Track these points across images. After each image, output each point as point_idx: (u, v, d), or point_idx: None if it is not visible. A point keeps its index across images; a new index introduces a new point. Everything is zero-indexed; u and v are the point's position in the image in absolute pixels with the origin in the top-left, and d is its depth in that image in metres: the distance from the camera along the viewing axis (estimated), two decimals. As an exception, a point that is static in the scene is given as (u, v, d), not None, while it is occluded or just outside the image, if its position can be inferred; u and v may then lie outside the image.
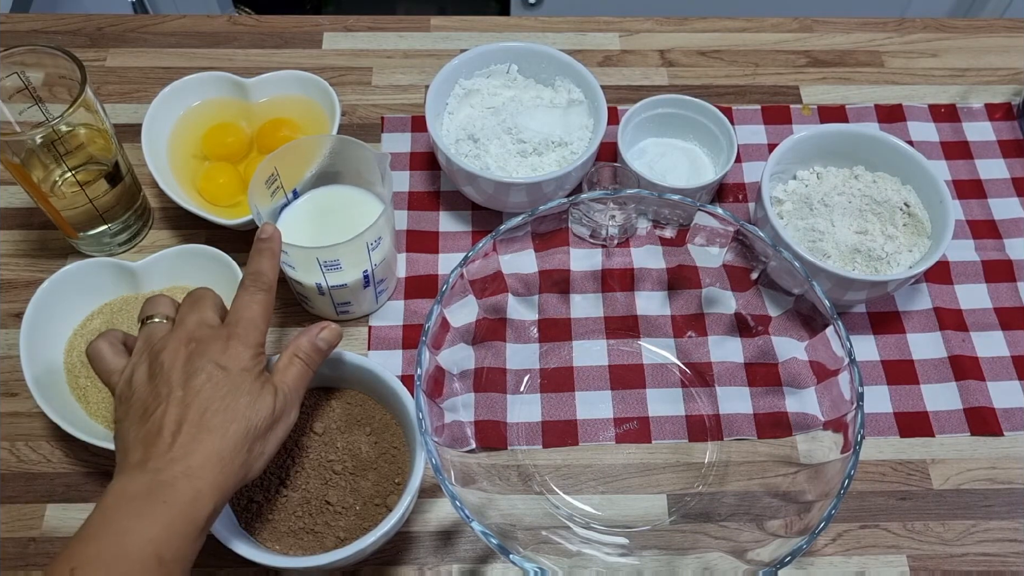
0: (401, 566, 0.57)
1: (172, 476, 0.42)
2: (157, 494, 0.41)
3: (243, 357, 0.46)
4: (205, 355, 0.45)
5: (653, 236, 0.66)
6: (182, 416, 0.43)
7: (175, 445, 0.43)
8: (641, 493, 0.60)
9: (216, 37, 0.84)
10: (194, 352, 0.45)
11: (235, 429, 0.44)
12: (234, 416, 0.44)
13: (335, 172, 0.63)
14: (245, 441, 0.44)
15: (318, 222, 0.63)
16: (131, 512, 0.41)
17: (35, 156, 0.61)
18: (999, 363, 0.66)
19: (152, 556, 0.40)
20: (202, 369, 0.45)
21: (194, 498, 0.42)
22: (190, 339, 0.46)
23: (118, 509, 0.41)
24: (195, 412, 0.43)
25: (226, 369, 0.45)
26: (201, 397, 0.44)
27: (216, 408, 0.44)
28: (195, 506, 0.42)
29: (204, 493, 0.42)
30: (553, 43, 0.75)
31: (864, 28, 0.86)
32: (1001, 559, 0.58)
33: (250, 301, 0.48)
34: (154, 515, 0.41)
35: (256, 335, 0.47)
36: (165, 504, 0.41)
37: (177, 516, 0.41)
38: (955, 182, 0.75)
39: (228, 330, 0.47)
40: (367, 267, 0.60)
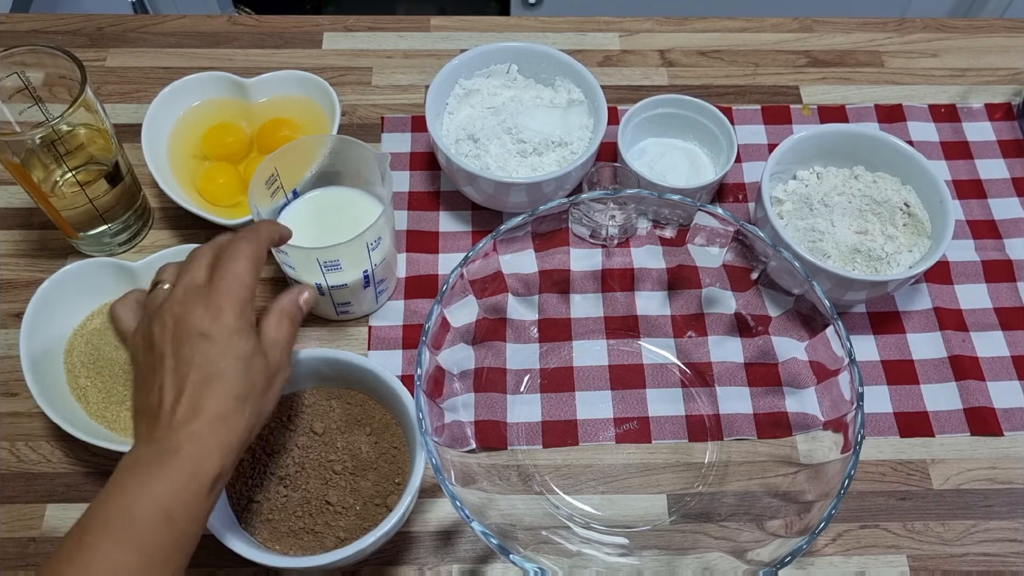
0: (401, 566, 0.57)
1: (176, 442, 0.42)
2: (163, 459, 0.42)
3: (227, 319, 0.45)
4: (190, 323, 0.45)
5: (653, 236, 0.66)
6: (179, 386, 0.44)
7: (176, 415, 0.43)
8: (641, 493, 0.60)
9: (216, 37, 0.84)
10: (179, 320, 0.45)
11: (233, 392, 0.44)
12: (227, 380, 0.44)
13: (335, 172, 0.63)
14: (245, 402, 0.45)
15: (318, 222, 0.63)
16: (139, 478, 0.42)
17: (35, 156, 0.61)
18: (999, 363, 0.66)
19: (161, 515, 0.41)
20: (189, 337, 0.44)
21: (200, 459, 0.42)
22: (177, 306, 0.46)
23: (127, 477, 0.42)
24: (190, 381, 0.44)
25: (210, 336, 0.44)
26: (192, 365, 0.44)
27: (210, 374, 0.44)
28: (202, 466, 0.42)
29: (210, 452, 0.43)
30: (553, 43, 0.75)
31: (864, 28, 0.86)
32: (1001, 559, 0.58)
33: (240, 252, 0.47)
34: (161, 478, 0.41)
35: (242, 290, 0.46)
36: (172, 467, 0.42)
37: (184, 477, 0.42)
38: (955, 182, 0.75)
39: (213, 285, 0.46)
40: (367, 267, 0.60)
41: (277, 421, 0.56)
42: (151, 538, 0.40)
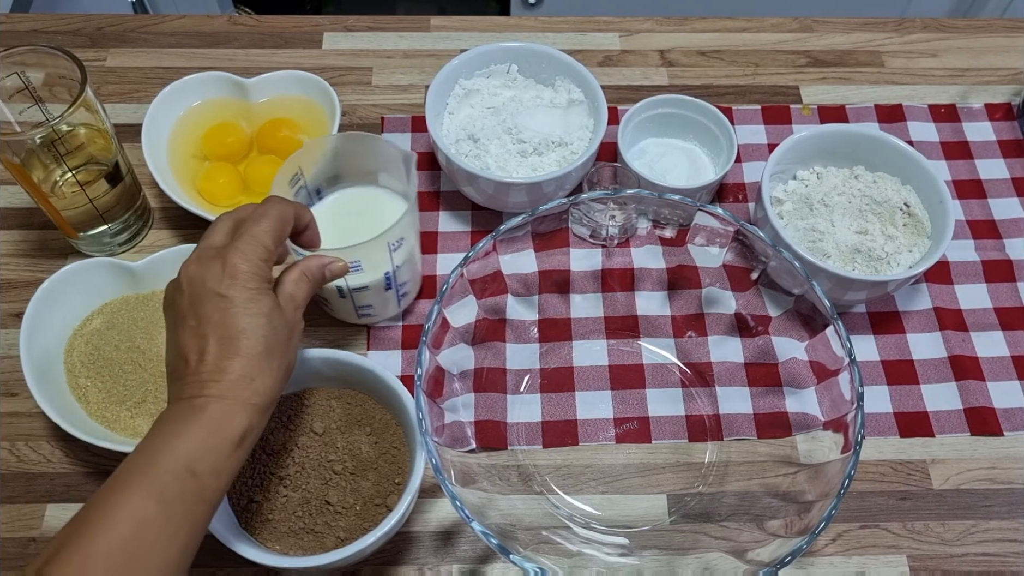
0: (401, 566, 0.57)
1: (204, 401, 0.43)
2: (191, 416, 0.43)
3: (244, 276, 0.45)
4: (206, 282, 0.45)
5: (653, 236, 0.66)
6: (201, 346, 0.44)
7: (201, 372, 0.44)
8: (641, 493, 0.60)
9: (216, 37, 0.84)
10: (195, 280, 0.46)
11: (256, 349, 0.45)
12: (249, 337, 0.45)
13: (360, 171, 0.63)
14: (270, 357, 0.45)
15: (341, 223, 0.62)
16: (164, 435, 0.42)
17: (35, 156, 0.61)
18: (999, 363, 0.66)
19: (184, 469, 0.41)
20: (207, 297, 0.45)
21: (226, 415, 0.43)
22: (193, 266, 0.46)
23: (159, 431, 0.43)
24: (212, 340, 0.44)
25: (226, 296, 0.45)
26: (211, 324, 0.44)
27: (231, 334, 0.44)
28: (228, 422, 0.43)
29: (236, 409, 0.43)
30: (553, 43, 0.75)
31: (864, 28, 0.86)
32: (1001, 559, 0.58)
33: (256, 216, 0.48)
34: (186, 433, 0.42)
35: (258, 250, 0.46)
36: (197, 423, 0.43)
37: (210, 433, 0.43)
38: (955, 182, 0.75)
39: (230, 248, 0.46)
40: (388, 268, 0.59)
41: (277, 421, 0.56)
42: (173, 489, 0.41)
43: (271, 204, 0.49)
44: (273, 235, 0.47)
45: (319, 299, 0.65)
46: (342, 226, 0.62)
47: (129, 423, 0.59)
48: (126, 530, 0.39)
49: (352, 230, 0.61)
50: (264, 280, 0.46)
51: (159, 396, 0.60)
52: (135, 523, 0.40)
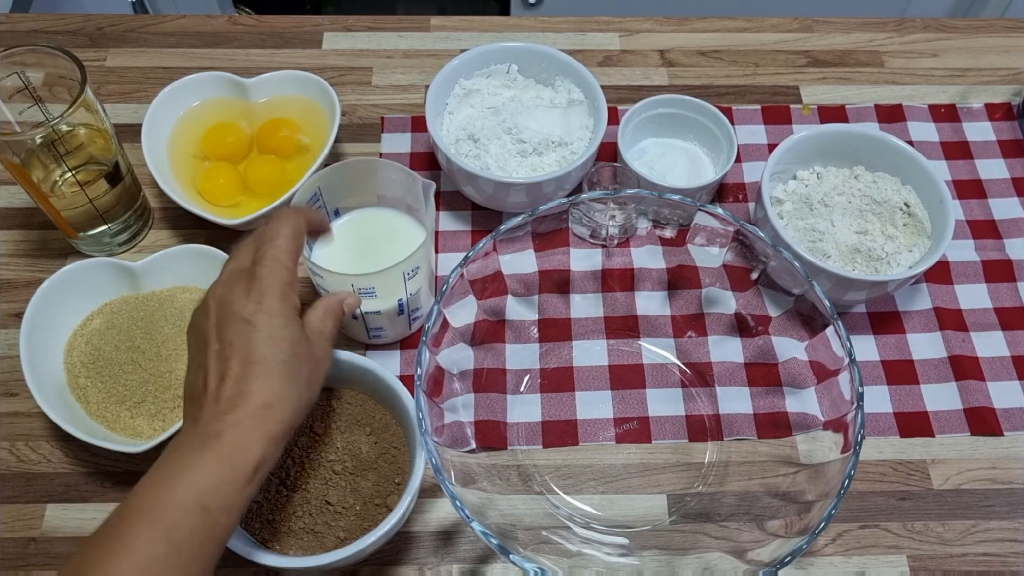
0: (401, 566, 0.57)
1: (219, 428, 0.42)
2: (205, 446, 0.42)
3: (270, 303, 0.45)
4: (232, 307, 0.45)
5: (653, 236, 0.66)
6: (222, 369, 0.44)
7: (220, 399, 0.43)
8: (641, 493, 0.60)
9: (216, 37, 0.84)
10: (222, 303, 0.45)
11: (277, 376, 0.44)
12: (272, 365, 0.44)
13: (379, 195, 0.63)
14: (291, 385, 0.45)
15: (357, 246, 0.62)
16: (179, 464, 0.42)
17: (35, 156, 0.61)
18: (999, 363, 0.66)
19: (196, 504, 0.41)
20: (232, 321, 0.45)
21: (241, 447, 0.42)
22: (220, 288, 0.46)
23: (168, 462, 0.42)
24: (233, 364, 0.44)
25: (252, 321, 0.44)
26: (235, 348, 0.44)
27: (253, 359, 0.44)
28: (242, 455, 0.42)
29: (251, 442, 0.43)
30: (553, 43, 0.75)
31: (864, 28, 0.86)
32: (1001, 559, 0.58)
33: (273, 235, 0.47)
34: (200, 465, 0.41)
35: (282, 274, 0.46)
36: (212, 454, 0.42)
37: (224, 465, 0.42)
38: (955, 182, 0.75)
39: (254, 273, 0.46)
40: (402, 296, 0.59)
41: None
42: (183, 527, 0.40)
43: (283, 221, 0.48)
44: (291, 253, 0.47)
45: None
46: (358, 248, 0.62)
47: (129, 423, 0.59)
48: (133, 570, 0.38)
49: (368, 252, 0.61)
50: (290, 305, 0.46)
51: (159, 396, 0.60)
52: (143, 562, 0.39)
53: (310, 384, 0.46)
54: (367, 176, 0.61)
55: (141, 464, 0.60)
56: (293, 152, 0.71)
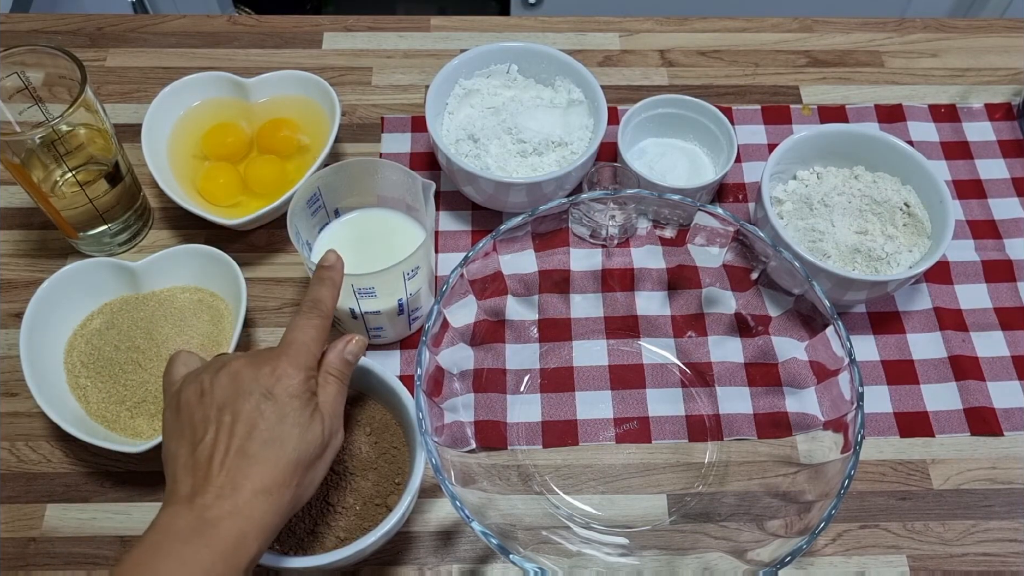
0: (401, 566, 0.57)
1: (218, 515, 0.40)
2: (201, 535, 0.40)
3: (293, 382, 0.44)
4: (256, 380, 0.44)
5: (653, 236, 0.66)
6: (229, 444, 0.42)
7: (222, 476, 0.41)
8: (641, 493, 0.60)
9: (216, 37, 0.84)
10: (241, 374, 0.44)
11: (284, 460, 0.42)
12: (283, 446, 0.42)
13: (378, 195, 0.63)
14: (295, 473, 0.43)
15: (357, 246, 0.62)
16: (173, 554, 0.39)
17: (35, 156, 0.61)
18: (999, 363, 0.66)
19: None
20: (251, 394, 0.43)
21: (238, 541, 0.40)
22: (243, 360, 0.45)
23: (161, 549, 0.40)
24: (241, 439, 0.42)
25: (273, 396, 0.43)
26: (247, 422, 0.42)
27: (265, 438, 0.42)
28: (239, 550, 0.40)
29: (249, 535, 0.41)
30: (553, 43, 0.75)
31: (864, 28, 0.86)
32: (1001, 559, 0.58)
33: (306, 325, 0.47)
34: (196, 559, 0.39)
35: (308, 358, 0.45)
36: (208, 548, 0.40)
37: (219, 560, 0.40)
38: (955, 182, 0.75)
39: (280, 350, 0.45)
40: (402, 296, 0.59)
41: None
42: None
43: (313, 314, 0.47)
44: (319, 342, 0.47)
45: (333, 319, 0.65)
46: (358, 248, 0.62)
47: (129, 423, 0.59)
48: None
49: (368, 253, 0.61)
50: (310, 388, 0.45)
51: (159, 396, 0.60)
52: None
53: (316, 466, 0.45)
54: (367, 176, 0.61)
55: (141, 464, 0.60)
56: (293, 152, 0.71)
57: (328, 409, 0.46)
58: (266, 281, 0.69)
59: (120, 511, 0.59)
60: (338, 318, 0.63)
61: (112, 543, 0.58)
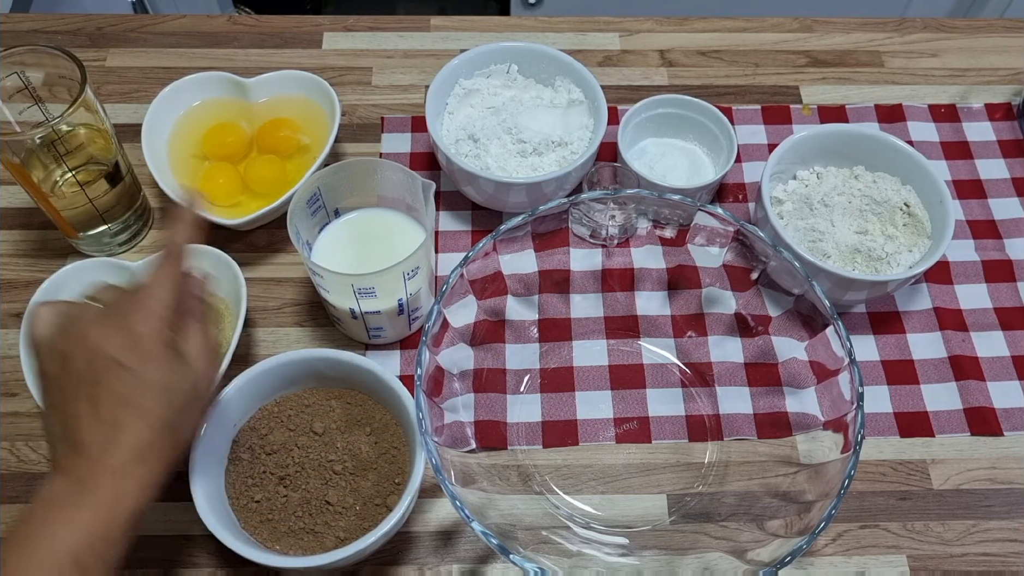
0: (401, 566, 0.57)
1: (94, 480, 0.41)
2: (78, 498, 0.41)
3: (146, 342, 0.44)
4: (107, 350, 0.43)
5: (653, 236, 0.66)
6: (95, 415, 0.42)
7: (92, 447, 0.42)
8: (641, 493, 0.60)
9: (216, 37, 0.84)
10: (97, 346, 0.43)
11: (151, 419, 0.43)
12: (145, 407, 0.43)
13: (378, 195, 0.63)
14: (165, 429, 0.44)
15: (357, 246, 0.62)
16: (52, 519, 0.41)
17: (35, 156, 0.61)
18: (999, 363, 0.66)
19: (71, 562, 0.40)
20: (106, 367, 0.43)
21: (116, 500, 0.42)
22: (95, 328, 0.44)
23: (41, 516, 0.41)
24: (106, 408, 0.42)
25: (127, 366, 0.43)
26: (108, 391, 0.43)
27: (128, 403, 0.43)
28: (117, 507, 0.42)
29: (127, 493, 0.42)
30: (553, 43, 0.75)
31: (864, 28, 0.86)
32: (1001, 559, 0.58)
33: (158, 275, 0.46)
34: (74, 520, 0.40)
35: (159, 308, 0.45)
36: (86, 509, 0.41)
37: (98, 519, 0.41)
38: (955, 182, 0.75)
39: (130, 306, 0.45)
40: (402, 296, 0.59)
41: (277, 421, 0.56)
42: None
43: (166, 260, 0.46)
44: (172, 290, 0.46)
45: (333, 319, 0.65)
46: (357, 248, 0.62)
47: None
48: None
49: (368, 252, 0.61)
50: (164, 343, 0.44)
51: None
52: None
53: (190, 416, 0.46)
54: (367, 176, 0.61)
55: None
56: (293, 152, 0.71)
57: (193, 350, 0.46)
58: (266, 281, 0.69)
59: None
60: (338, 318, 0.63)
61: (112, 543, 0.57)
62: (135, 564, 0.57)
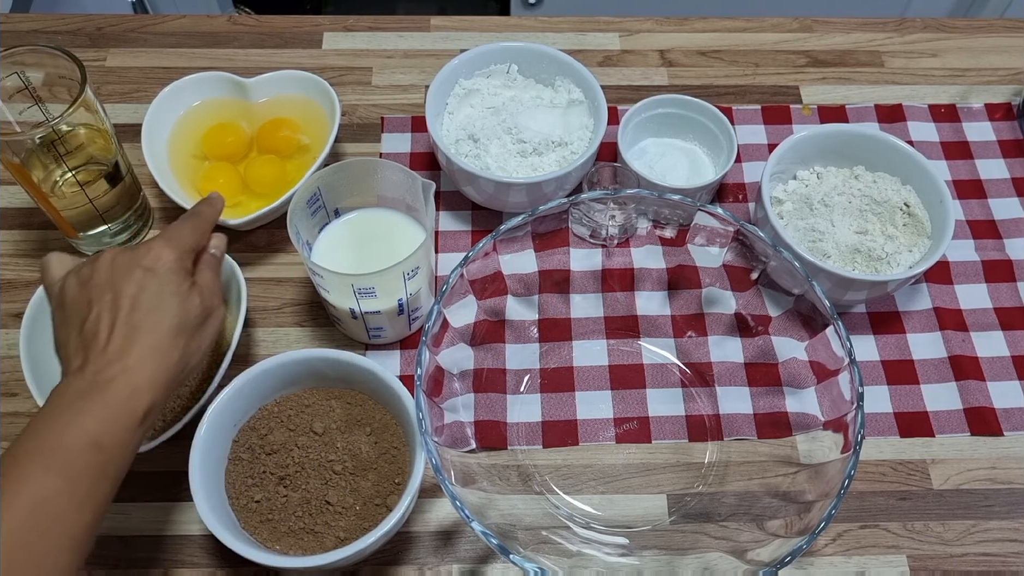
0: (401, 566, 0.57)
1: (110, 375, 0.44)
2: (95, 392, 0.43)
3: (167, 257, 0.48)
4: (133, 259, 0.47)
5: (653, 236, 0.66)
6: (114, 318, 0.45)
7: (110, 345, 0.44)
8: (641, 493, 0.60)
9: (216, 37, 0.84)
10: (120, 256, 0.48)
11: (167, 325, 0.46)
12: (164, 313, 0.46)
13: (378, 195, 0.63)
14: (179, 335, 0.47)
15: (357, 246, 0.62)
16: (70, 409, 0.43)
17: (35, 156, 0.61)
18: (999, 363, 0.66)
19: (90, 444, 0.42)
20: (129, 270, 0.47)
21: (132, 393, 0.44)
22: (119, 248, 0.49)
23: (59, 407, 0.43)
24: (126, 312, 0.45)
25: (151, 270, 0.47)
26: (129, 296, 0.46)
27: (147, 307, 0.46)
28: (133, 399, 0.44)
29: (142, 387, 0.44)
30: (553, 43, 0.75)
31: (864, 28, 0.86)
32: (1001, 559, 0.58)
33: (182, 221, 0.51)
34: (92, 410, 0.43)
35: (182, 241, 0.50)
36: (102, 399, 0.43)
37: (115, 409, 0.43)
38: (955, 182, 0.75)
39: (155, 238, 0.49)
40: (402, 296, 0.59)
41: (277, 421, 0.56)
42: (79, 464, 0.41)
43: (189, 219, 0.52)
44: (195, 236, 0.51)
45: (333, 319, 0.65)
46: (358, 248, 0.62)
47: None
48: (28, 505, 0.39)
49: (368, 252, 0.61)
50: (185, 269, 0.49)
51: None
52: (39, 499, 0.39)
53: (200, 332, 0.49)
54: (367, 176, 0.61)
55: (141, 464, 0.60)
56: (293, 152, 0.71)
57: (205, 286, 0.50)
58: (266, 281, 0.69)
59: (120, 511, 0.58)
60: (338, 318, 0.63)
61: (112, 543, 0.58)
62: (135, 564, 0.57)
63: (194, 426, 0.53)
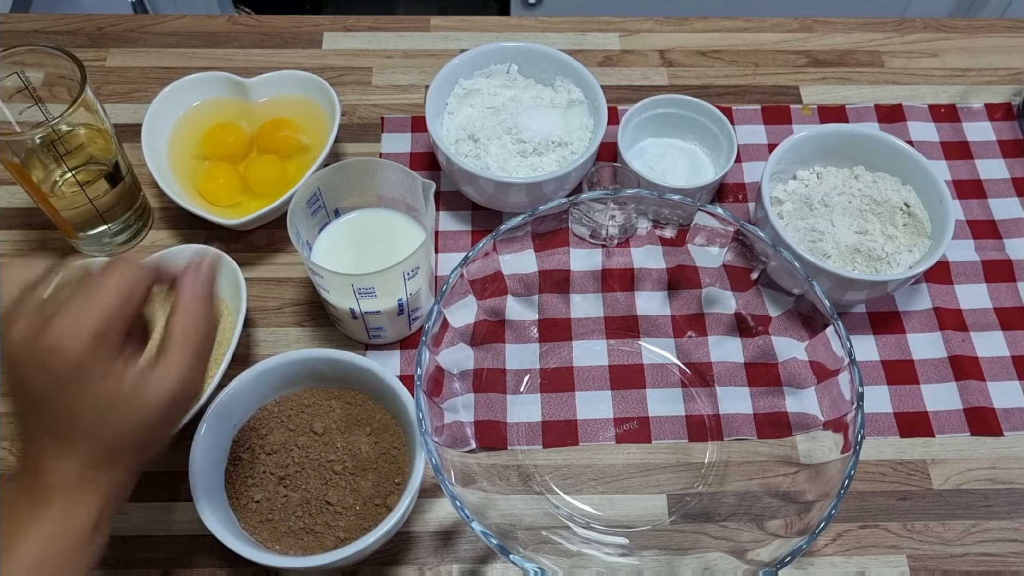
0: (401, 566, 0.57)
1: (45, 495, 0.40)
2: (35, 507, 0.40)
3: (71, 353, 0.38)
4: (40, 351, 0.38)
5: (653, 236, 0.66)
6: (42, 428, 0.40)
7: (43, 453, 0.40)
8: (641, 493, 0.60)
9: (216, 37, 0.84)
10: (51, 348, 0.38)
11: (95, 438, 0.40)
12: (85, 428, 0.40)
13: (378, 195, 0.63)
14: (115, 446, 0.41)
15: (357, 246, 0.62)
16: (11, 528, 0.39)
17: (35, 156, 0.61)
18: (999, 363, 0.66)
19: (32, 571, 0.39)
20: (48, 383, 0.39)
21: (68, 513, 0.40)
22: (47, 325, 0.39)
23: (5, 518, 0.40)
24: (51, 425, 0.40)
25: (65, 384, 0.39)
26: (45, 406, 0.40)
27: (66, 422, 0.40)
28: (71, 520, 0.40)
29: (81, 503, 0.40)
30: (553, 43, 0.75)
31: (864, 28, 0.86)
32: (1001, 559, 0.58)
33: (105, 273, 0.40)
34: (32, 530, 0.39)
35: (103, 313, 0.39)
36: (43, 518, 0.39)
37: (56, 529, 0.39)
38: (955, 182, 0.75)
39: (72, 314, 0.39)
40: (402, 296, 0.59)
41: (277, 421, 0.56)
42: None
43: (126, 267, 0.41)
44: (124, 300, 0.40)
45: (332, 319, 0.65)
46: (358, 248, 0.62)
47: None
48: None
49: (368, 252, 0.61)
50: (103, 354, 0.39)
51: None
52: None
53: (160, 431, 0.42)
54: (367, 176, 0.61)
55: (141, 464, 0.60)
56: (293, 152, 0.71)
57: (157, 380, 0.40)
58: (266, 281, 0.69)
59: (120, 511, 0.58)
60: (338, 318, 0.63)
61: (112, 543, 0.57)
62: (135, 564, 0.57)
63: (194, 426, 0.53)
